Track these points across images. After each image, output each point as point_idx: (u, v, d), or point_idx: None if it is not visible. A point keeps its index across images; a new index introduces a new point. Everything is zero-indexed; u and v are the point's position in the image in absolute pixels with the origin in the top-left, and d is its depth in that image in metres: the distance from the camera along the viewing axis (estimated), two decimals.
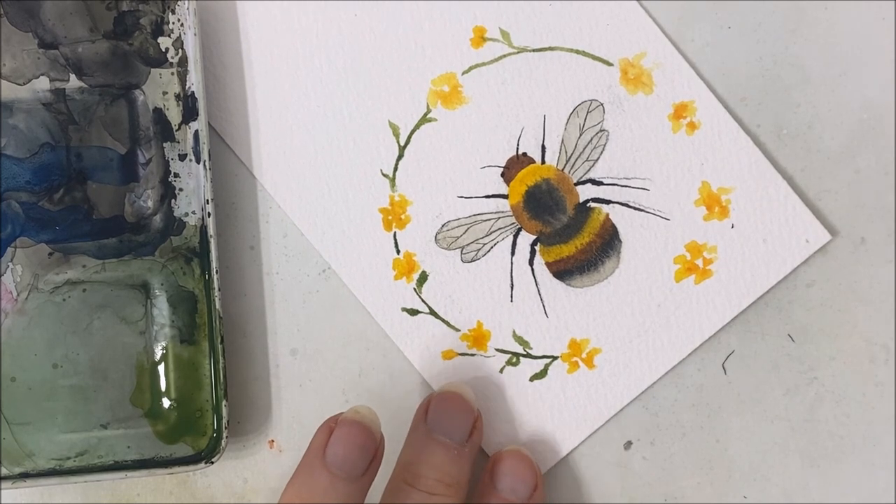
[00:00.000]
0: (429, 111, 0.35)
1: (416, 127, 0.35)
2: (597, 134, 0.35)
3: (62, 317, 0.34)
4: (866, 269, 0.35)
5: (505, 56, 0.35)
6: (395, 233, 0.35)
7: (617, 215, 0.35)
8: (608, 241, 0.35)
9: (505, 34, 0.34)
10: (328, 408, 0.35)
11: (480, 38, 0.34)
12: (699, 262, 0.35)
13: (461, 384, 0.34)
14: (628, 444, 0.36)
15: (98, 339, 0.34)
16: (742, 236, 0.35)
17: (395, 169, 0.35)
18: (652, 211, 0.35)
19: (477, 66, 0.35)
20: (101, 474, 0.33)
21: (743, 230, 0.35)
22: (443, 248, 0.35)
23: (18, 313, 0.33)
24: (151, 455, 0.34)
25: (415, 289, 0.35)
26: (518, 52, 0.34)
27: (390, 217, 0.35)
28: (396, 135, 0.35)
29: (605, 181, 0.35)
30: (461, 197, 0.35)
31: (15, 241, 0.33)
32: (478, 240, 0.35)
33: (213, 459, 0.33)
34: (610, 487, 0.36)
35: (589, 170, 0.35)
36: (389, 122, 0.35)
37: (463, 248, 0.35)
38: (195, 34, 0.33)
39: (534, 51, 0.34)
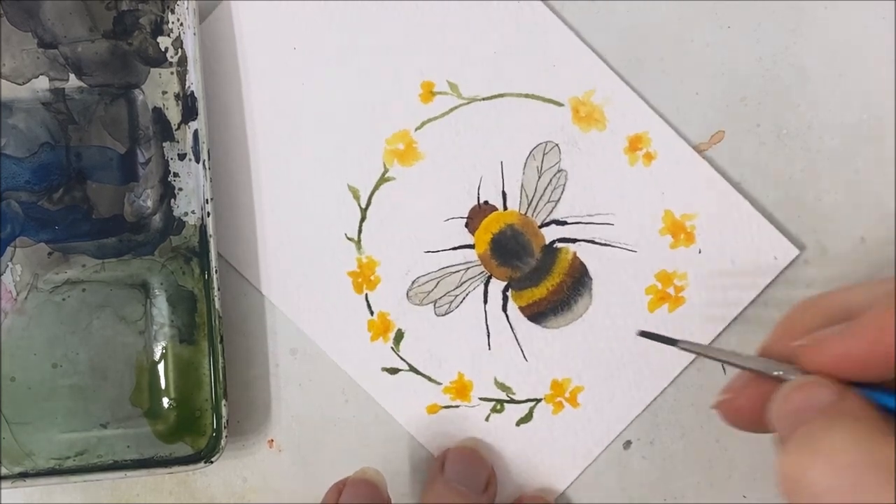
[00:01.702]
0: (386, 170, 0.35)
1: (376, 188, 0.35)
2: (555, 175, 0.35)
3: (62, 316, 0.34)
4: (866, 269, 0.35)
5: (456, 108, 0.35)
6: (366, 294, 0.35)
7: (584, 253, 0.35)
8: (578, 280, 0.35)
9: (453, 86, 0.34)
10: (327, 407, 0.35)
11: (429, 92, 0.34)
12: (671, 291, 0.35)
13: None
14: (628, 444, 0.36)
15: (98, 339, 0.34)
16: (710, 260, 0.35)
17: (360, 231, 0.35)
18: (618, 245, 0.35)
19: (429, 120, 0.35)
20: (100, 474, 0.33)
21: (710, 254, 0.35)
22: (415, 304, 0.35)
23: (18, 313, 0.33)
24: (151, 454, 0.34)
25: (392, 347, 0.35)
26: (468, 103, 0.35)
27: (360, 279, 0.35)
28: (357, 197, 0.35)
29: (568, 220, 0.35)
30: (428, 252, 0.35)
31: (14, 240, 0.33)
32: (449, 292, 0.35)
33: (212, 459, 0.33)
34: (610, 487, 0.36)
35: (551, 211, 0.35)
36: (349, 185, 0.35)
37: (435, 302, 0.35)
38: (195, 34, 0.33)
39: (484, 99, 0.35)
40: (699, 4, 0.35)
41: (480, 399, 0.35)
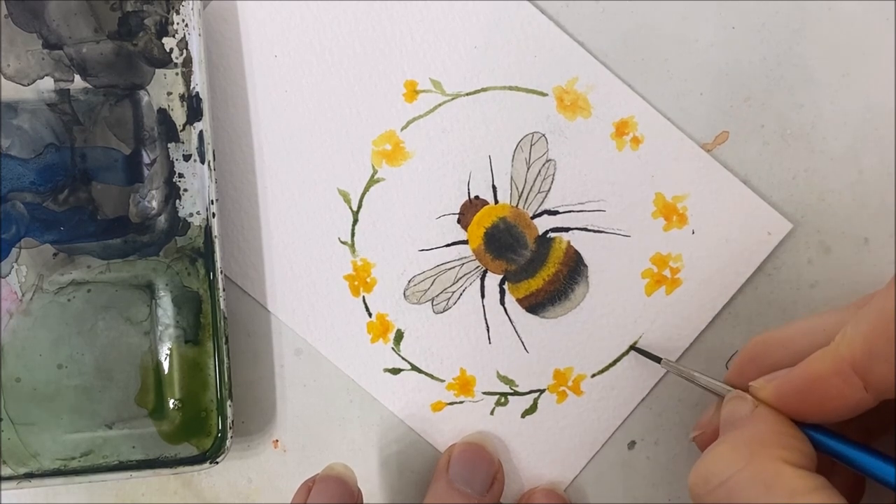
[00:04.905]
0: (375, 172, 0.35)
1: (366, 190, 0.35)
2: (544, 165, 0.35)
3: (67, 317, 0.34)
4: (869, 270, 0.35)
5: (440, 105, 0.35)
6: (363, 297, 0.35)
7: (578, 241, 0.35)
8: (574, 268, 0.35)
9: (436, 83, 0.34)
10: (332, 408, 0.35)
11: (413, 91, 0.34)
12: (667, 273, 0.35)
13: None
14: (632, 444, 0.36)
15: (103, 340, 0.34)
16: (704, 240, 0.35)
17: (353, 234, 0.35)
18: (612, 231, 0.35)
19: (414, 119, 0.35)
20: (105, 474, 0.33)
21: (704, 234, 0.35)
22: (413, 303, 0.35)
23: (23, 314, 0.33)
24: (156, 455, 0.34)
25: (393, 348, 0.35)
26: (453, 99, 0.35)
27: (356, 282, 0.35)
28: (348, 201, 0.35)
29: (560, 210, 0.35)
30: (422, 250, 0.35)
31: (20, 241, 0.33)
32: (446, 289, 0.35)
33: (217, 459, 0.33)
34: (614, 487, 0.36)
35: (542, 201, 0.35)
36: (338, 189, 0.35)
37: (433, 299, 0.35)
38: (200, 35, 0.33)
39: (468, 94, 0.35)
40: (703, 5, 0.35)
41: (484, 393, 0.35)
